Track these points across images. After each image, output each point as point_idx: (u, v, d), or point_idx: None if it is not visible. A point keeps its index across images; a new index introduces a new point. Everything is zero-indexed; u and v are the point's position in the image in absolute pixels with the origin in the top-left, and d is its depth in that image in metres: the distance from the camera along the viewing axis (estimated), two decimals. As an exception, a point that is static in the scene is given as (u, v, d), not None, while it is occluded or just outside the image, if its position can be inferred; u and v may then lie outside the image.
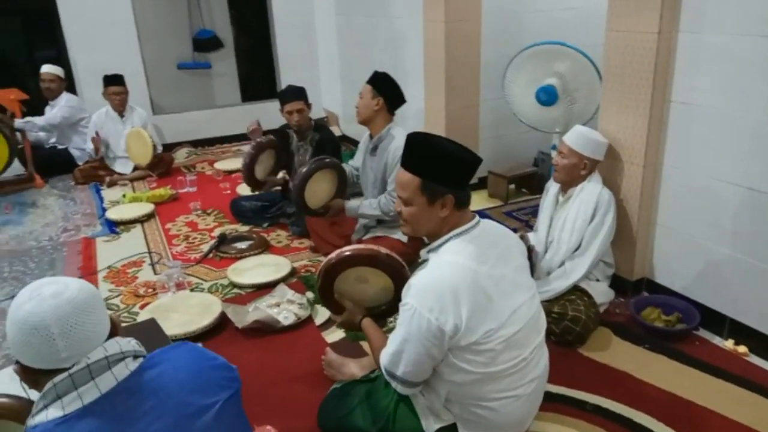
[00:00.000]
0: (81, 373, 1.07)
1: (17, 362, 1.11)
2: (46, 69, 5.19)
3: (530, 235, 2.82)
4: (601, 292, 2.67)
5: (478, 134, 4.26)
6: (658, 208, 2.75)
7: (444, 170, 1.59)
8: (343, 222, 3.44)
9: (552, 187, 2.80)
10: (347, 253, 2.02)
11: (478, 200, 4.23)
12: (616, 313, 2.73)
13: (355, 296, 2.09)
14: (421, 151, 1.61)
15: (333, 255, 2.05)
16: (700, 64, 2.45)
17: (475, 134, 4.22)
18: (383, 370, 1.69)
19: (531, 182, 4.34)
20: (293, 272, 3.27)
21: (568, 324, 2.43)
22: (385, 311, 2.11)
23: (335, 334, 2.70)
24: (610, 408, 2.14)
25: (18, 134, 4.94)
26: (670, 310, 2.63)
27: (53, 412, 1.05)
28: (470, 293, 1.50)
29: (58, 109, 5.17)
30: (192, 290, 3.12)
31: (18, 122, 4.91)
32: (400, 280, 1.95)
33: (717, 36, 2.36)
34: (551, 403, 2.08)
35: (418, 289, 1.54)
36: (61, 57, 5.67)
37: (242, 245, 3.63)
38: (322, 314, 2.84)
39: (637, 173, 2.69)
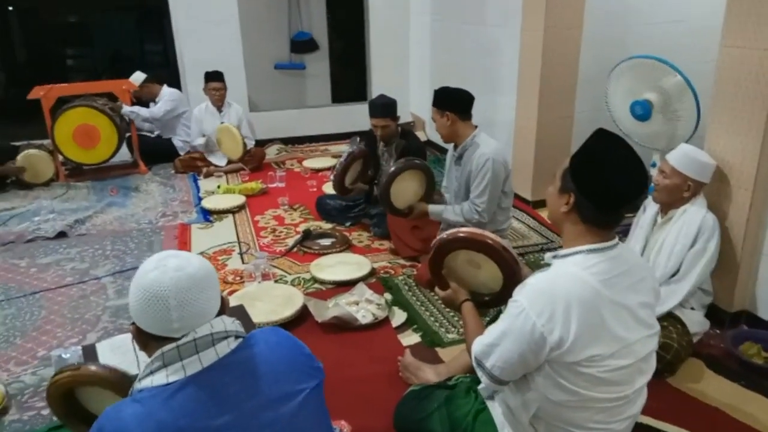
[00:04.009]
0: (187, 345, 1.14)
1: (133, 323, 1.20)
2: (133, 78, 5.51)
3: None
4: (696, 322, 2.52)
5: (570, 146, 4.14)
6: (766, 238, 2.57)
7: (580, 172, 1.49)
8: (425, 226, 3.43)
9: (650, 207, 2.66)
10: (461, 234, 2.02)
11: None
12: (710, 344, 2.57)
13: (462, 277, 2.08)
14: (589, 143, 1.51)
15: (446, 233, 2.07)
16: (827, 86, 2.27)
17: (567, 146, 4.11)
18: (472, 358, 1.65)
19: (624, 200, 4.16)
20: (373, 272, 3.31)
21: (658, 351, 2.29)
22: (488, 302, 2.09)
23: (411, 338, 2.71)
24: (699, 445, 2.03)
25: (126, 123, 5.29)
26: (773, 347, 2.45)
27: (158, 379, 1.13)
28: (585, 312, 1.43)
29: (162, 103, 5.50)
30: (276, 281, 3.22)
31: (125, 109, 5.23)
32: (510, 275, 1.94)
33: None
34: (635, 432, 1.99)
35: (533, 289, 1.49)
36: (167, 52, 6.02)
37: (325, 242, 3.71)
38: (399, 316, 2.86)
39: (745, 198, 2.52)
